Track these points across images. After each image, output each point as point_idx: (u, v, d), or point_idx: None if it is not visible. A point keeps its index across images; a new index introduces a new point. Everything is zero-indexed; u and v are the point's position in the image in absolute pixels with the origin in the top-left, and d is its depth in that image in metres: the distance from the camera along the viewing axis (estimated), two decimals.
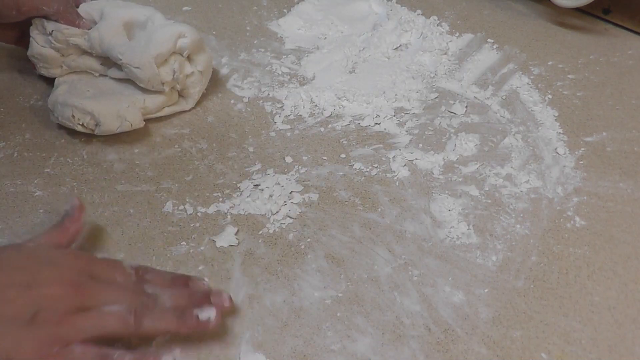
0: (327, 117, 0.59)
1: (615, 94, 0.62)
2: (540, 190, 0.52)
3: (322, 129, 0.58)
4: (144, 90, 0.56)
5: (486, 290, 0.44)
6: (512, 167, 0.54)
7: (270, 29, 0.71)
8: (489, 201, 0.51)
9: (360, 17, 0.73)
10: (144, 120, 0.55)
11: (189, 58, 0.57)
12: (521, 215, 0.50)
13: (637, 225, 0.49)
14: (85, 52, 0.56)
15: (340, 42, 0.68)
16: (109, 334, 0.36)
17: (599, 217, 0.50)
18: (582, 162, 0.55)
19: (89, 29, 0.55)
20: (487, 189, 0.52)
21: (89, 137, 0.55)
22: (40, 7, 0.53)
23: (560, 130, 0.58)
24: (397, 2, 0.75)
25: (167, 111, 0.58)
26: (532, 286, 0.45)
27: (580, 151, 0.56)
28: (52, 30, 0.54)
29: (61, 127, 0.55)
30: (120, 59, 0.53)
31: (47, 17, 0.54)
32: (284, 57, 0.67)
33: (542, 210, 0.50)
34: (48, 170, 0.52)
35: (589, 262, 0.46)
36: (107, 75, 0.57)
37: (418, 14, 0.72)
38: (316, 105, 0.60)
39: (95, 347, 0.35)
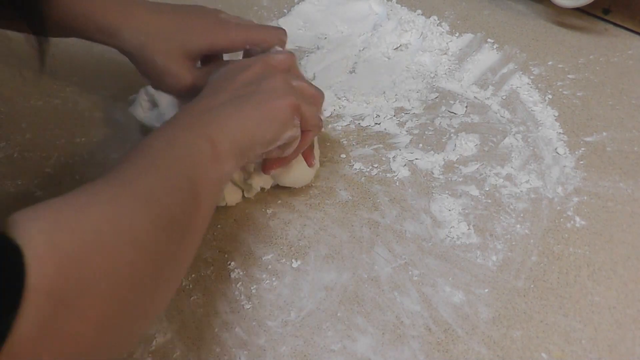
0: (327, 117, 0.59)
1: (615, 94, 0.62)
2: (540, 190, 0.52)
3: (322, 129, 0.58)
4: None
5: (486, 290, 0.44)
6: (512, 167, 0.54)
7: None
8: (489, 201, 0.51)
9: (360, 17, 0.72)
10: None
11: None
12: (521, 215, 0.50)
13: (637, 225, 0.49)
14: None
15: (340, 42, 0.68)
16: None
17: (599, 217, 0.50)
18: (582, 162, 0.54)
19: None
20: (487, 189, 0.52)
21: (88, 137, 0.55)
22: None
23: (560, 130, 0.58)
24: (397, 2, 0.75)
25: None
26: (532, 286, 0.45)
27: (580, 151, 0.56)
28: None
29: (61, 127, 0.55)
30: None
31: None
32: None
33: (542, 210, 0.50)
34: (48, 170, 0.52)
35: (589, 262, 0.46)
36: None
37: (418, 14, 0.72)
38: None
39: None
